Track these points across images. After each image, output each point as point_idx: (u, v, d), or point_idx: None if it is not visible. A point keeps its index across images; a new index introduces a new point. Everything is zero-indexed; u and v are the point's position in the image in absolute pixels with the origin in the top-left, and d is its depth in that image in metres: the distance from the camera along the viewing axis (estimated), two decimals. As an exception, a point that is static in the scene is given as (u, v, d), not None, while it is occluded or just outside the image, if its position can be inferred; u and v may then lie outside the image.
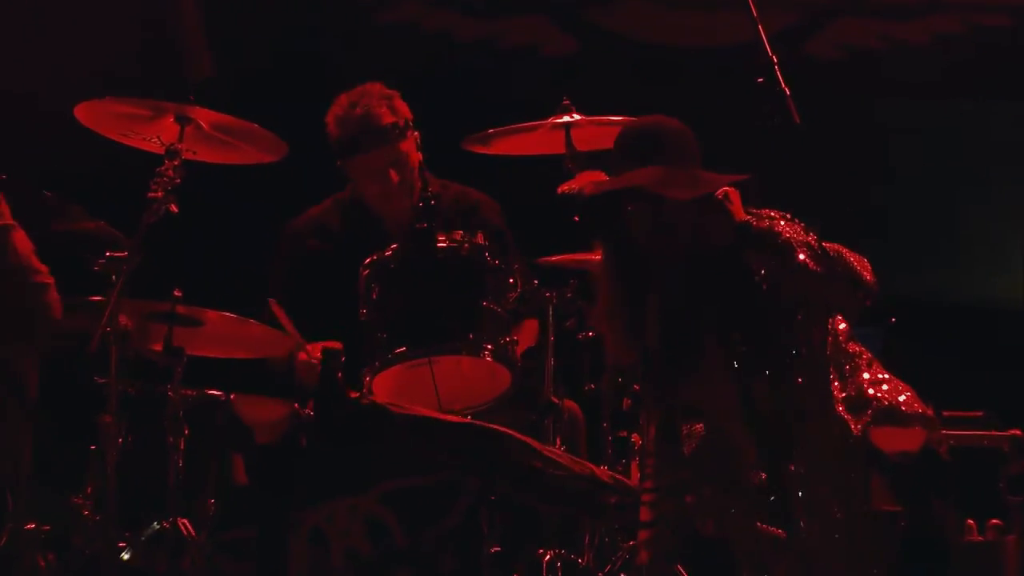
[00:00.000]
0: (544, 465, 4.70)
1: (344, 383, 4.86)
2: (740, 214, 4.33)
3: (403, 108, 5.54)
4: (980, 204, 7.74)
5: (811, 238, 4.29)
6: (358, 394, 4.83)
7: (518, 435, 4.74)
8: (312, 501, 4.90)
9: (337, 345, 5.06)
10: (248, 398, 5.24)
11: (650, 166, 4.32)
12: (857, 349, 4.56)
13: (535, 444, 4.78)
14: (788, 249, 4.26)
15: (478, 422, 4.79)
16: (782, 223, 4.32)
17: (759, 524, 4.35)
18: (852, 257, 4.34)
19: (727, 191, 4.35)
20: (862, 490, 4.37)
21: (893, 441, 4.40)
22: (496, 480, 4.76)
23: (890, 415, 4.44)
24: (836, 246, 4.33)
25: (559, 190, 4.76)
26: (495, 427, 4.75)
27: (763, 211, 4.35)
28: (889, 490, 4.38)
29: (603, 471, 4.85)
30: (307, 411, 4.98)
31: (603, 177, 4.51)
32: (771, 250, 4.28)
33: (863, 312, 4.36)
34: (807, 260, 4.25)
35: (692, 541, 4.45)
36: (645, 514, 4.42)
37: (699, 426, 4.44)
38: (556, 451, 4.93)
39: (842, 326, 4.51)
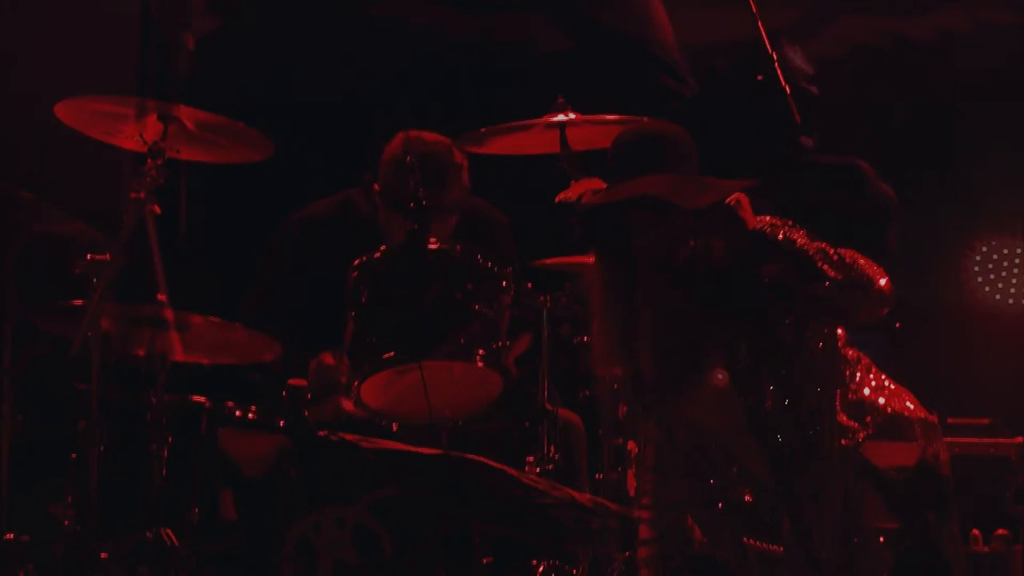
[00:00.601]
0: (524, 494, 4.63)
1: (311, 422, 4.81)
2: (752, 221, 4.22)
3: (466, 176, 5.41)
4: (983, 204, 7.69)
5: (823, 244, 4.19)
6: (326, 432, 4.78)
7: (495, 464, 4.69)
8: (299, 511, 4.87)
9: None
10: (235, 432, 5.17)
11: (653, 174, 4.20)
12: (855, 355, 4.50)
13: (513, 472, 4.72)
14: (807, 256, 4.15)
15: (454, 453, 4.74)
16: (786, 229, 4.22)
17: (750, 540, 4.26)
18: (865, 263, 4.23)
19: (738, 197, 4.23)
20: (860, 502, 4.29)
21: (888, 456, 4.31)
22: (474, 514, 4.70)
23: (892, 424, 4.37)
24: (851, 252, 4.23)
25: (557, 199, 4.66)
26: (471, 457, 4.70)
27: (762, 217, 4.24)
28: (884, 506, 4.30)
29: (583, 495, 4.81)
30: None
31: (601, 185, 4.38)
32: (790, 257, 4.17)
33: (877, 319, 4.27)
34: (825, 267, 4.15)
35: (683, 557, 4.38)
36: (645, 531, 4.37)
37: (682, 439, 4.35)
38: (534, 477, 4.88)
39: (839, 331, 4.41)
